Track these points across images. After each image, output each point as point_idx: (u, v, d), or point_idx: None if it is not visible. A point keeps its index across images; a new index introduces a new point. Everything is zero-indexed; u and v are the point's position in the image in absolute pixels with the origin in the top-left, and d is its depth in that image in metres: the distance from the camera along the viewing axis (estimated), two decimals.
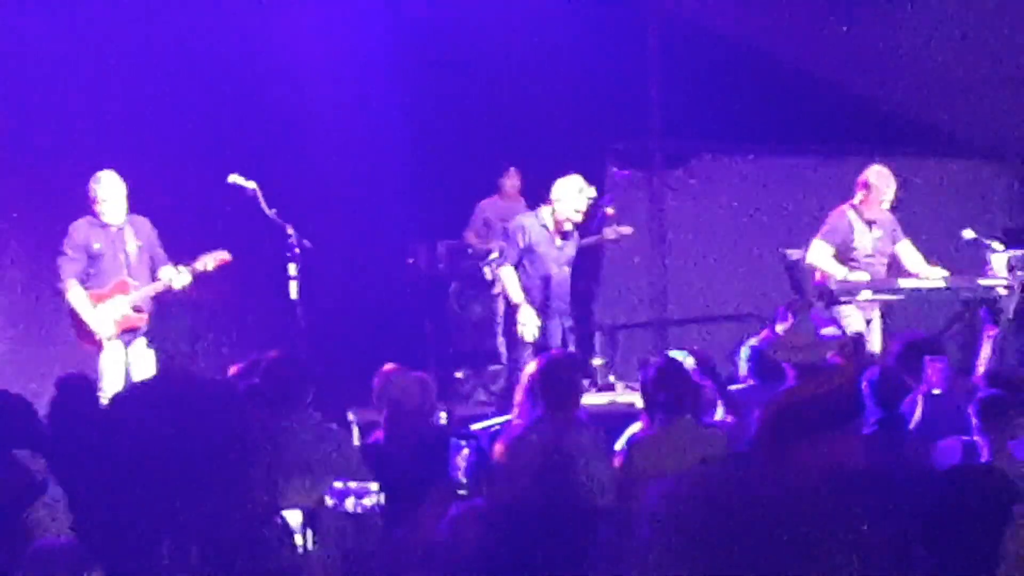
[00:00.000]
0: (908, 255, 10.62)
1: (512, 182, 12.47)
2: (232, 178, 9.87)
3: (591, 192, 10.39)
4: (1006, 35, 12.25)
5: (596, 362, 12.10)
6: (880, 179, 10.45)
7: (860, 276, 10.42)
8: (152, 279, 9.80)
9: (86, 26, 11.11)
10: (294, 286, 9.73)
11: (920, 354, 7.56)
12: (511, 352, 10.30)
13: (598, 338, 12.50)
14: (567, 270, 10.43)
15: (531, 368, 6.83)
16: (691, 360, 6.98)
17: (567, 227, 10.31)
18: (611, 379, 11.97)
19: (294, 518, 5.72)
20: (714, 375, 7.17)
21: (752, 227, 13.34)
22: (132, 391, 6.62)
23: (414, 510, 5.48)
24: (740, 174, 13.76)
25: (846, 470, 5.30)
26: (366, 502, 5.03)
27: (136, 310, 9.66)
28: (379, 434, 6.99)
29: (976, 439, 6.32)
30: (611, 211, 11.92)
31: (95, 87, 11.17)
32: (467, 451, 5.42)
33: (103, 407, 6.60)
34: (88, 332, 9.68)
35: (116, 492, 6.03)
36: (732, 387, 8.14)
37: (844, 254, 10.47)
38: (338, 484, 5.08)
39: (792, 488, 2.66)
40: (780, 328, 7.97)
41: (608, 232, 11.91)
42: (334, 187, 11.88)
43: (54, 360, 10.05)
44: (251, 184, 9.81)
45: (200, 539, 5.53)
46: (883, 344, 10.33)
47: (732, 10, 12.85)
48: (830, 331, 7.65)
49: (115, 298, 9.68)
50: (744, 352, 8.34)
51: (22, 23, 10.94)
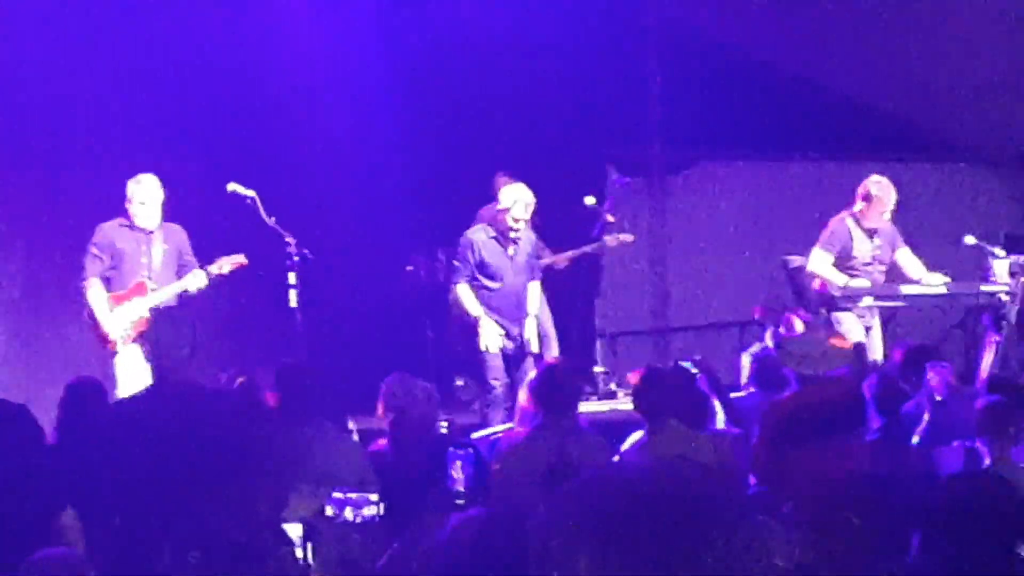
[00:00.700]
0: (908, 262, 10.61)
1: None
2: (231, 187, 9.86)
3: (528, 198, 10.29)
4: (1007, 40, 12.24)
5: (597, 370, 12.07)
6: (881, 190, 10.43)
7: (860, 283, 10.41)
8: None
9: (86, 34, 11.09)
10: (293, 294, 9.72)
11: (921, 361, 7.55)
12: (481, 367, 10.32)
13: (599, 346, 12.46)
14: (523, 277, 10.43)
15: (531, 376, 6.83)
16: (695, 370, 6.97)
17: (513, 235, 10.29)
18: (612, 387, 11.95)
19: (294, 531, 5.69)
20: (716, 385, 7.15)
21: (752, 234, 13.32)
22: (126, 400, 6.57)
23: (415, 519, 5.46)
24: (740, 181, 13.74)
25: (850, 475, 5.29)
26: (365, 512, 5.01)
27: (152, 314, 9.51)
28: (381, 442, 6.98)
29: (978, 445, 6.30)
30: (612, 218, 11.89)
31: (94, 95, 11.14)
32: (461, 462, 5.38)
33: (108, 413, 6.56)
34: (102, 333, 9.59)
35: (119, 499, 6.01)
36: (733, 395, 8.14)
37: (843, 262, 10.46)
38: (338, 494, 5.05)
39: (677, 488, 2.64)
40: (782, 330, 7.94)
41: (609, 240, 11.87)
42: (333, 195, 11.87)
43: (54, 367, 10.04)
44: (250, 193, 9.80)
45: (201, 548, 5.50)
46: (884, 351, 10.32)
47: (731, 17, 12.84)
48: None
49: (133, 300, 9.54)
50: (745, 360, 8.33)
51: (22, 29, 10.93)
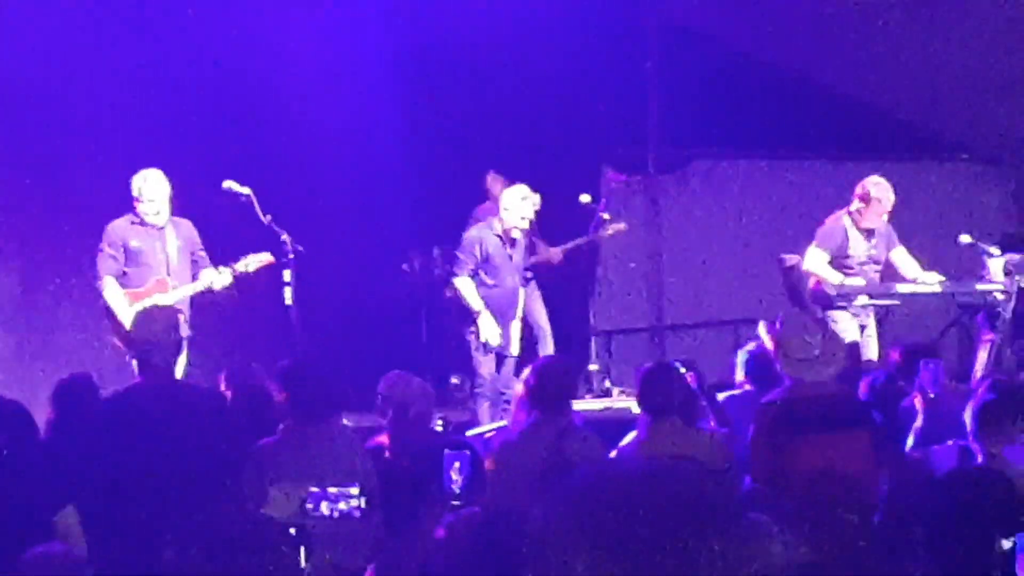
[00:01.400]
0: (904, 262, 10.61)
1: (496, 186, 12.23)
2: (227, 184, 9.85)
3: (535, 199, 10.35)
4: (1004, 40, 12.24)
5: (592, 368, 12.08)
6: (880, 192, 10.42)
7: (856, 282, 10.42)
8: (192, 281, 9.62)
9: (81, 34, 11.08)
10: (289, 292, 9.71)
11: (918, 359, 7.53)
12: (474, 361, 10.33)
13: (594, 344, 12.47)
14: (518, 278, 10.48)
15: (526, 373, 6.83)
16: (683, 369, 6.95)
17: (515, 235, 10.31)
18: (607, 385, 11.96)
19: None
20: (703, 385, 7.13)
21: (748, 232, 13.33)
22: (116, 398, 6.54)
23: (412, 517, 5.46)
24: (736, 179, 13.75)
25: (847, 473, 5.29)
26: (342, 507, 4.96)
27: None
28: (376, 439, 6.98)
29: (972, 444, 6.29)
30: (607, 216, 11.90)
31: (89, 94, 11.14)
32: (459, 464, 5.36)
33: (100, 409, 6.55)
34: (124, 332, 9.47)
35: (112, 495, 6.01)
36: (729, 392, 8.13)
37: (838, 260, 10.46)
38: (315, 488, 5.01)
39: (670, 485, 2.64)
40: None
41: (602, 231, 11.86)
42: (329, 193, 11.87)
43: (50, 367, 10.03)
44: (246, 190, 9.79)
45: (196, 545, 5.49)
46: (880, 350, 10.33)
47: (729, 17, 12.84)
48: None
49: (153, 297, 9.36)
50: (741, 357, 8.31)
51: (15, 29, 10.91)
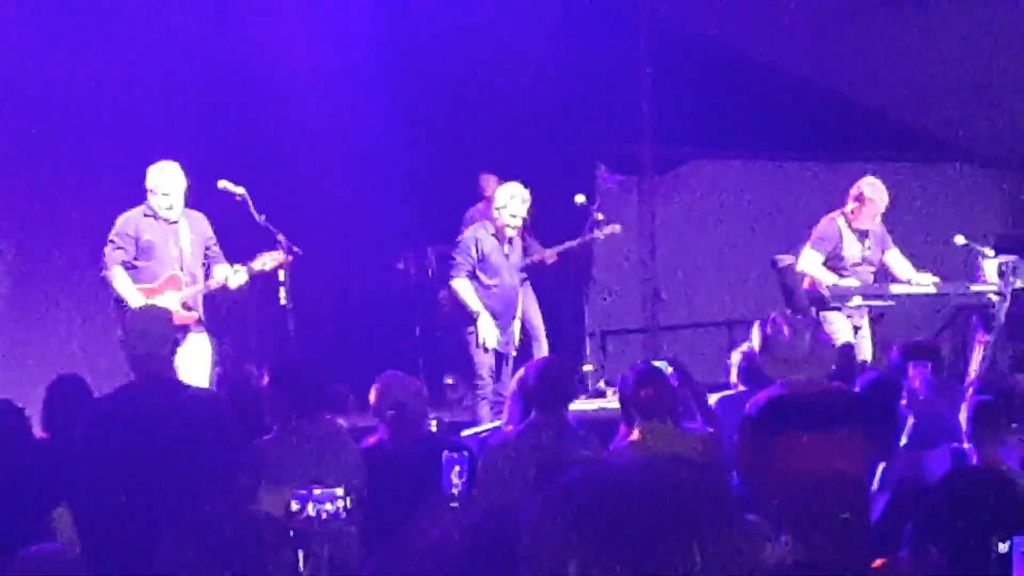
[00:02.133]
0: (897, 264, 10.62)
1: (490, 186, 12.21)
2: (221, 184, 9.83)
3: (526, 195, 10.30)
4: (1000, 41, 12.26)
5: (586, 368, 12.07)
6: (874, 192, 10.43)
7: (850, 283, 10.42)
8: (205, 277, 9.52)
9: (73, 34, 11.07)
10: (283, 292, 9.70)
11: (918, 358, 7.52)
12: (472, 362, 10.31)
13: (588, 344, 12.46)
14: (516, 277, 10.46)
15: (522, 372, 6.83)
16: (670, 369, 6.94)
17: (509, 233, 10.30)
18: (601, 385, 11.94)
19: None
20: (692, 385, 7.12)
21: (743, 233, 13.34)
22: (109, 398, 6.51)
23: (409, 517, 5.45)
24: (731, 180, 13.76)
25: (840, 472, 5.29)
26: (328, 508, 4.95)
27: (186, 307, 9.34)
28: (371, 439, 6.97)
29: (966, 445, 6.29)
30: (601, 216, 11.88)
31: (82, 94, 11.12)
32: (459, 467, 5.34)
33: (93, 409, 6.52)
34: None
35: (105, 495, 6.00)
36: (723, 393, 8.13)
37: (833, 262, 10.47)
38: (302, 490, 5.01)
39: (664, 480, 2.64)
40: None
41: (597, 232, 11.85)
42: (323, 193, 11.86)
43: (42, 367, 10.01)
44: (240, 190, 9.77)
45: (190, 545, 5.48)
46: (874, 351, 10.33)
47: (723, 16, 12.84)
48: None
49: (165, 294, 9.26)
50: (735, 357, 8.31)
51: (9, 30, 10.90)
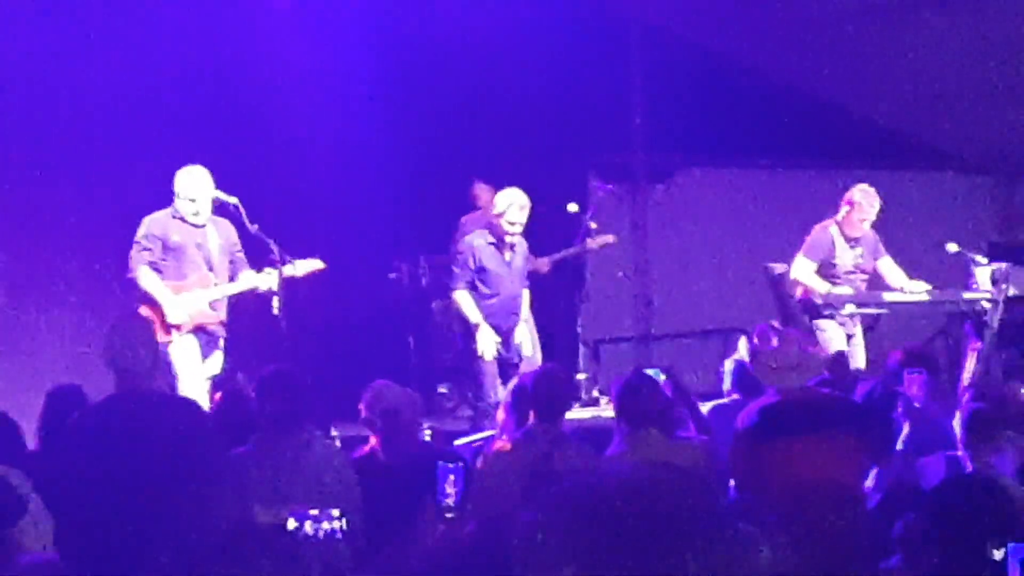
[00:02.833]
0: (890, 272, 10.64)
1: (483, 196, 12.17)
2: (214, 193, 9.81)
3: (523, 201, 10.23)
4: (992, 50, 12.27)
5: (580, 377, 12.07)
6: (865, 198, 10.46)
7: (843, 290, 10.43)
8: (231, 281, 9.59)
9: (68, 39, 11.05)
10: (276, 301, 9.68)
11: (915, 366, 7.54)
12: (473, 371, 10.26)
13: (582, 352, 12.46)
14: (519, 283, 10.40)
15: (518, 381, 6.82)
16: (663, 377, 6.95)
17: (509, 240, 10.26)
18: (595, 394, 11.94)
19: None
20: (684, 394, 7.13)
21: (735, 241, 13.34)
22: (92, 410, 6.49)
23: (403, 526, 5.44)
24: (723, 188, 13.76)
25: (835, 479, 5.29)
26: (325, 527, 4.96)
27: (211, 308, 9.42)
28: (364, 449, 6.96)
29: (960, 453, 6.29)
30: (595, 225, 11.89)
31: (76, 101, 11.11)
32: (454, 477, 5.33)
33: (89, 420, 6.51)
34: (164, 320, 9.30)
35: (97, 505, 5.98)
36: (716, 402, 8.14)
37: (825, 270, 10.49)
38: (299, 508, 5.02)
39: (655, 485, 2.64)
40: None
41: (591, 242, 11.86)
42: (316, 202, 11.85)
43: (35, 376, 10.00)
44: (233, 199, 9.75)
45: (171, 555, 5.47)
46: (867, 359, 10.35)
47: (715, 24, 12.84)
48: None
49: (194, 291, 9.37)
50: (728, 366, 8.33)
51: (6, 31, 10.89)
